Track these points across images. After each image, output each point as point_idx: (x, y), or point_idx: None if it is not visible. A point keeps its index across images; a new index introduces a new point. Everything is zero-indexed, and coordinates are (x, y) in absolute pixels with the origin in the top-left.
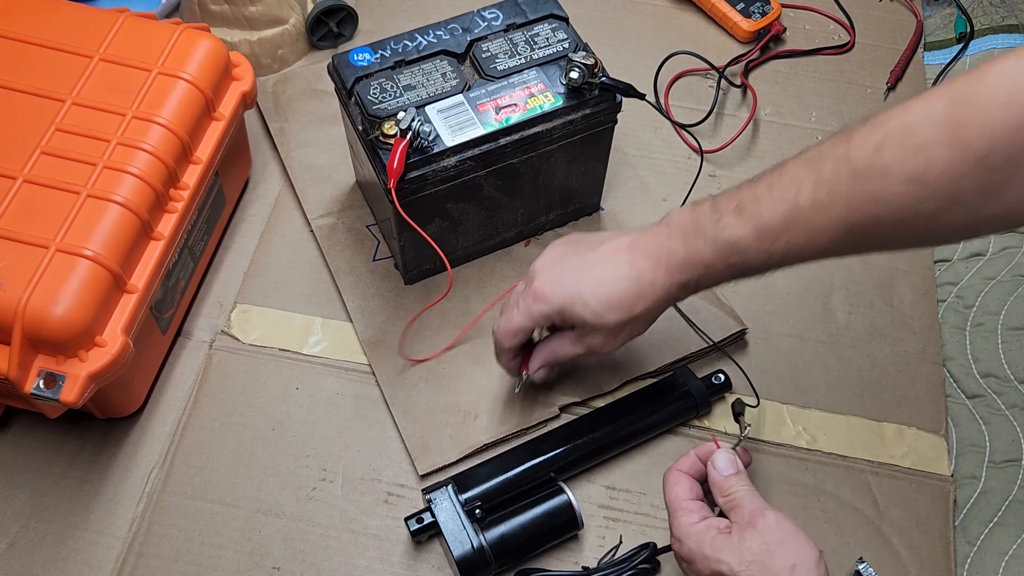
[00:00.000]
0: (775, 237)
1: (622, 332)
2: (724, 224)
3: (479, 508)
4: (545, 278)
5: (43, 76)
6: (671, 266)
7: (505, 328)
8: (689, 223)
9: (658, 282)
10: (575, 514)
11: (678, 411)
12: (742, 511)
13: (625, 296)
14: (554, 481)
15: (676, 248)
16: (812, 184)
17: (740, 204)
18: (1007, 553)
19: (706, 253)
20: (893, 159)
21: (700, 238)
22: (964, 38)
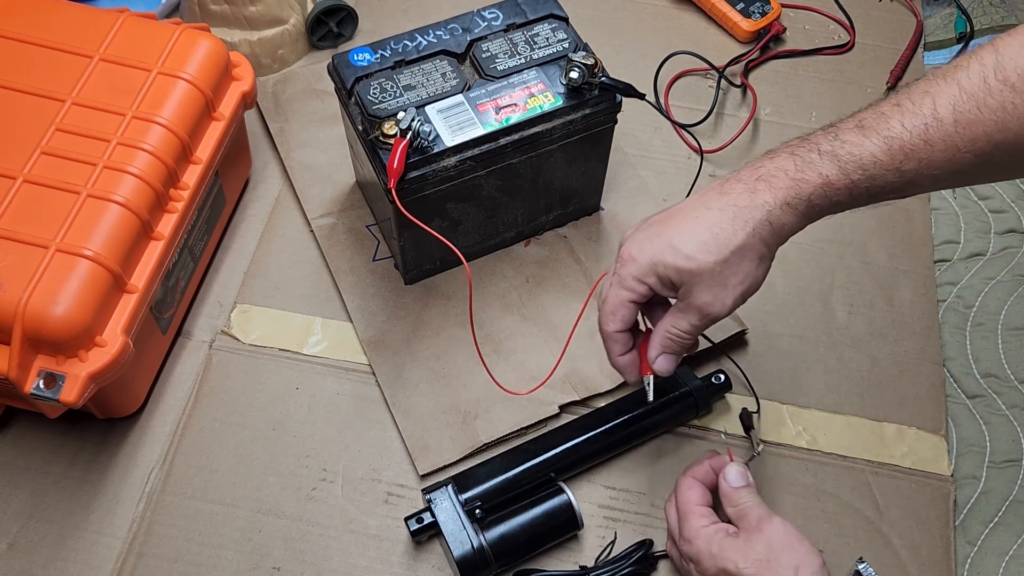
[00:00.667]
0: (908, 154)
1: (730, 279)
2: (844, 139)
3: (479, 508)
4: (631, 242)
5: (43, 76)
6: (775, 183)
7: (602, 311)
8: (797, 142)
9: (757, 202)
10: (575, 514)
11: (678, 411)
12: (749, 518)
13: (717, 228)
14: (554, 481)
15: (782, 164)
16: (953, 97)
17: (861, 122)
18: (1007, 553)
19: (822, 167)
20: None
21: (813, 152)
22: (964, 38)
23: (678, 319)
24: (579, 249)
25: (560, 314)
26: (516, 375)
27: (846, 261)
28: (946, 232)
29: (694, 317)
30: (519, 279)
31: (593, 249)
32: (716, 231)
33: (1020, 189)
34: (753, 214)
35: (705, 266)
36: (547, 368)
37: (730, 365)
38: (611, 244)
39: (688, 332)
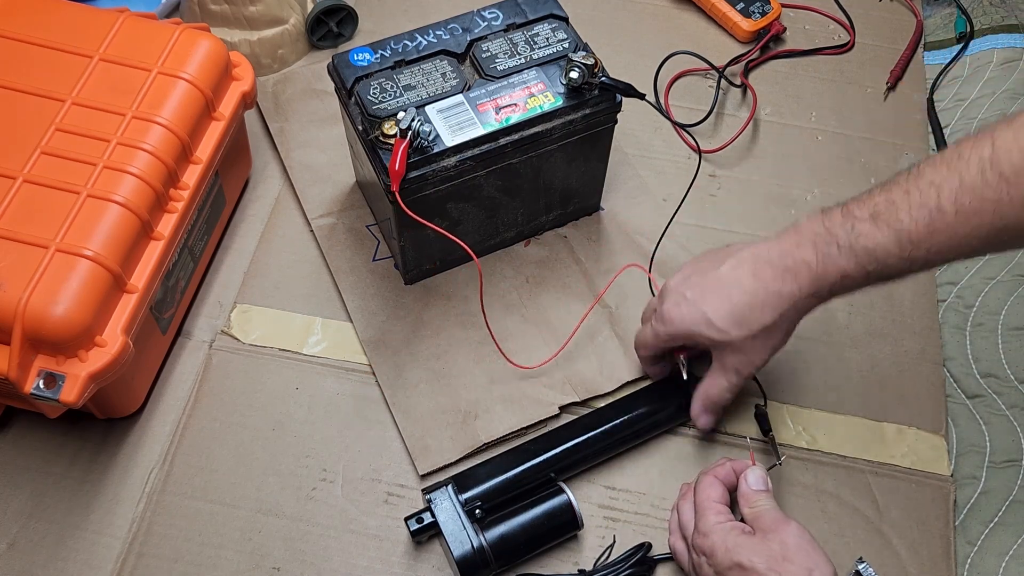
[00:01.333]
0: (916, 244)
1: (757, 348)
2: (859, 231)
3: (479, 508)
4: (672, 300)
5: (43, 76)
6: (801, 277)
7: (638, 339)
8: (821, 231)
9: (785, 292)
10: (575, 514)
11: (677, 412)
12: (765, 519)
13: (748, 310)
14: (554, 481)
15: (807, 257)
16: (955, 189)
17: (875, 211)
18: (1007, 553)
19: (841, 260)
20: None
21: (834, 247)
22: (964, 38)
23: (716, 382)
24: (579, 249)
25: (560, 314)
26: (516, 375)
27: None
28: None
29: (729, 378)
30: (519, 279)
31: (593, 249)
32: (747, 312)
33: None
34: (781, 302)
35: (736, 339)
36: (548, 368)
37: None
38: (611, 244)
39: (727, 391)
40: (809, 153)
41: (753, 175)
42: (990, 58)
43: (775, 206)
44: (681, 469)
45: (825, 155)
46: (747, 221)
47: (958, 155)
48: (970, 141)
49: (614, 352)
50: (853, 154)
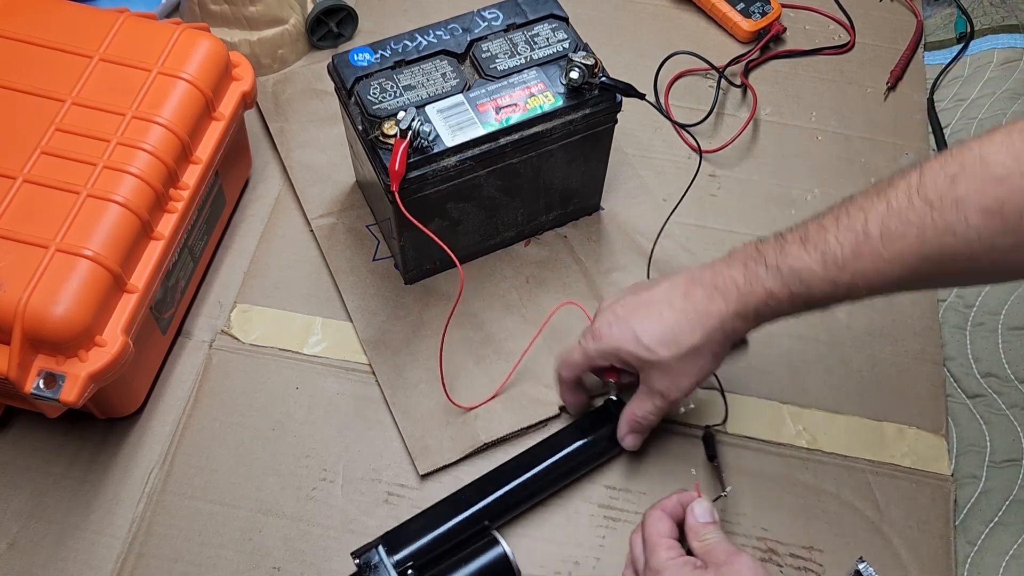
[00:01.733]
0: (841, 267)
1: (685, 370)
2: (787, 252)
3: (411, 568)
4: (603, 318)
5: (43, 76)
6: (728, 295)
7: (562, 358)
8: (751, 252)
9: (712, 311)
10: (511, 566)
11: (612, 444)
12: (716, 553)
13: (677, 329)
14: (489, 530)
15: (735, 276)
16: (882, 213)
17: (805, 234)
18: (1008, 553)
19: (767, 281)
20: (969, 189)
21: (761, 266)
22: (964, 38)
23: (642, 404)
24: (579, 249)
25: (560, 314)
26: (516, 375)
27: None
28: None
29: (655, 400)
30: (519, 279)
31: (593, 249)
32: (675, 331)
33: None
34: (709, 321)
35: (663, 359)
36: (548, 368)
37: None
38: (611, 244)
39: (653, 413)
40: (809, 153)
41: (753, 175)
42: (990, 58)
43: (775, 206)
44: (681, 469)
45: (825, 155)
46: (747, 221)
47: (889, 183)
48: (901, 173)
49: None
50: (853, 154)
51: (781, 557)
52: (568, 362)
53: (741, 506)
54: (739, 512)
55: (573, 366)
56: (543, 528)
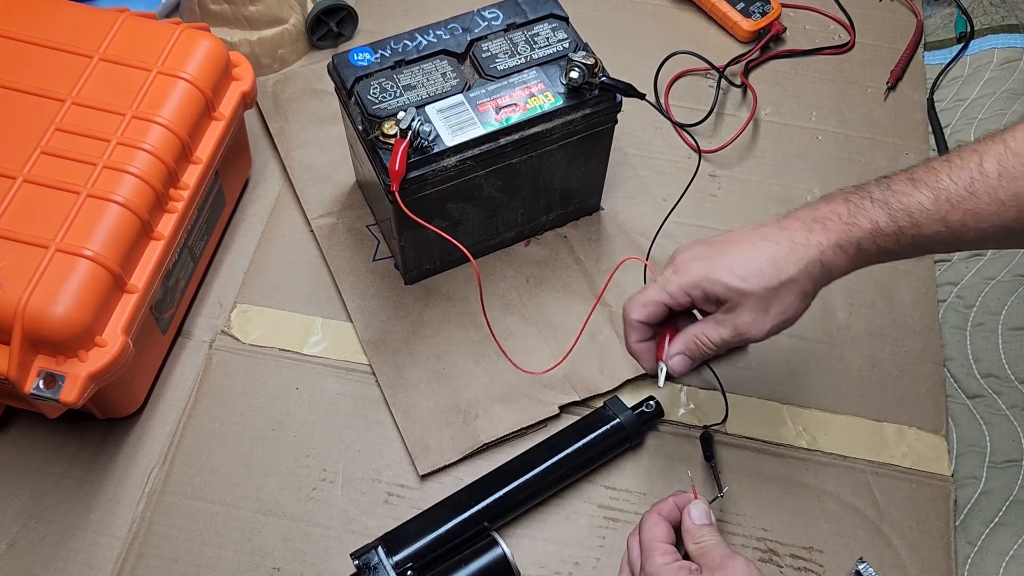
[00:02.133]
0: (954, 204)
1: (772, 306)
2: (895, 189)
3: (411, 569)
4: (687, 254)
5: (43, 76)
6: (829, 226)
7: (635, 299)
8: (851, 190)
9: (811, 241)
10: (510, 567)
11: (611, 445)
12: (712, 555)
13: (773, 259)
14: (488, 531)
15: (837, 209)
16: (999, 154)
17: (912, 175)
18: (1008, 553)
19: (873, 213)
20: None
21: (866, 199)
22: (964, 38)
23: (712, 329)
24: (579, 249)
25: (560, 314)
26: (516, 375)
27: None
28: None
29: (728, 332)
30: (519, 279)
31: (593, 249)
32: (771, 260)
33: None
34: (807, 252)
35: (755, 290)
36: (548, 367)
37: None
38: (611, 244)
39: (717, 344)
40: (809, 153)
41: (753, 175)
42: (990, 58)
43: (775, 206)
44: (681, 469)
45: (825, 155)
46: (747, 221)
47: (1007, 130)
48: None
49: (614, 351)
50: (853, 154)
51: (781, 557)
52: (641, 301)
53: (741, 506)
54: (739, 512)
55: (648, 304)
56: (543, 528)
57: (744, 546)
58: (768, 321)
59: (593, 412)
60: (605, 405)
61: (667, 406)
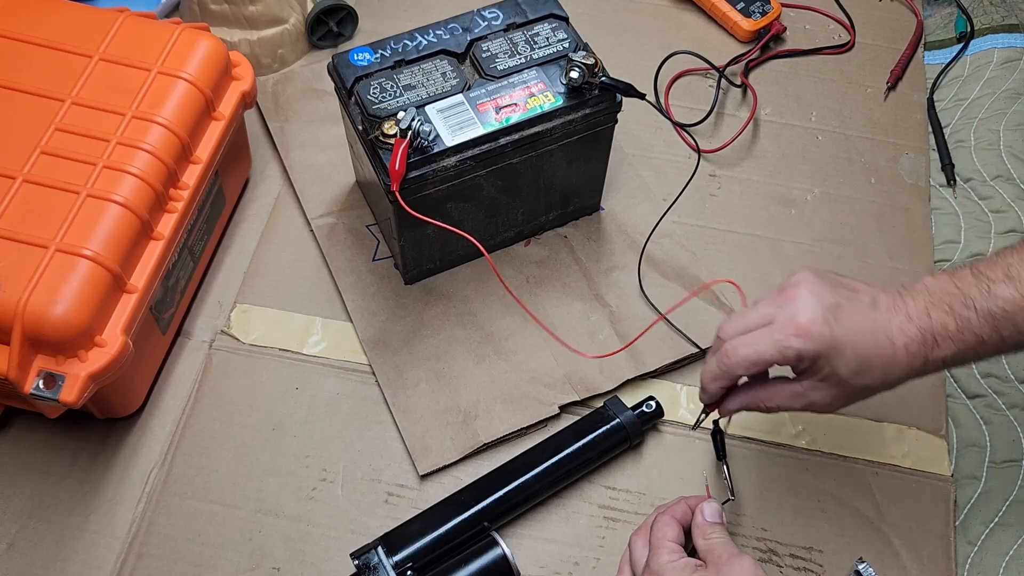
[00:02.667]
0: None
1: (857, 396)
2: (995, 292)
3: (411, 569)
4: (814, 313)
5: (43, 76)
6: (940, 343)
7: (745, 355)
8: (954, 293)
9: (922, 353)
10: (510, 567)
11: (611, 445)
12: (718, 553)
13: (887, 364)
14: (488, 531)
15: (945, 320)
16: None
17: (1009, 272)
18: (1008, 553)
19: (978, 327)
20: None
21: (971, 311)
22: (964, 38)
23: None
24: (579, 249)
25: (560, 314)
26: (516, 375)
27: (846, 261)
28: (946, 232)
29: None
30: (519, 279)
31: (593, 249)
32: (883, 366)
33: (1020, 189)
34: (912, 362)
35: (856, 387)
36: (548, 368)
37: None
38: (611, 244)
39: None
40: (809, 153)
41: (753, 175)
42: (990, 58)
43: (775, 206)
44: (681, 469)
45: (825, 155)
46: (747, 221)
47: None
48: None
49: (614, 350)
50: (853, 154)
51: (781, 557)
52: (750, 359)
53: (741, 506)
54: (739, 512)
55: (757, 364)
56: (543, 529)
57: (744, 546)
58: (840, 405)
59: (593, 412)
60: (605, 405)
61: (667, 406)
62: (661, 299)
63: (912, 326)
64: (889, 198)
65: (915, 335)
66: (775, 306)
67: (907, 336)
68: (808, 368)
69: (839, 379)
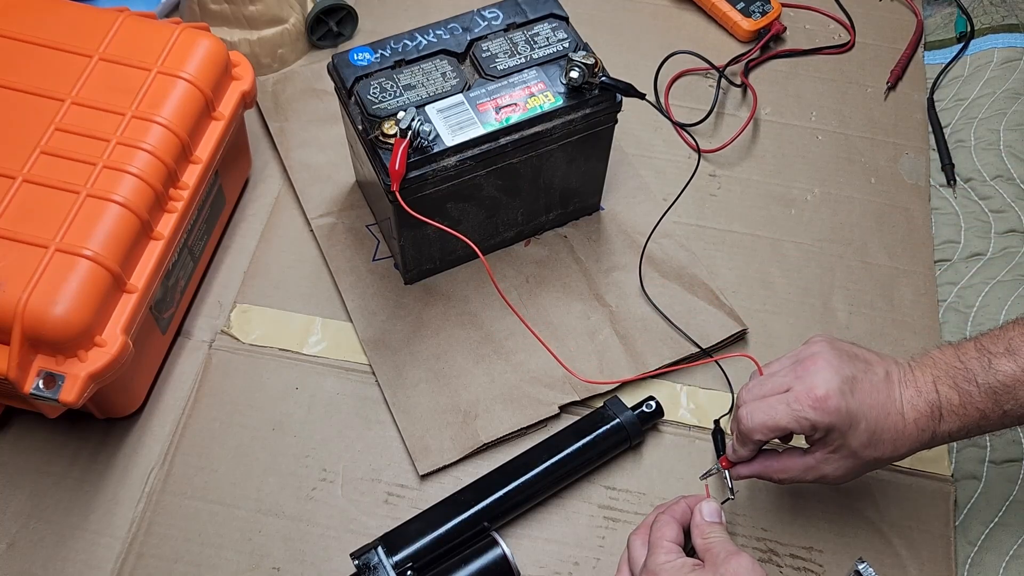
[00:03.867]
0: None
1: (866, 468)
2: (996, 367)
3: (411, 569)
4: (831, 386)
5: (43, 76)
6: (947, 418)
7: (761, 421)
8: (958, 367)
9: (928, 427)
10: (510, 567)
11: (611, 445)
12: (716, 551)
13: (896, 438)
14: (488, 531)
15: (949, 395)
16: None
17: (1011, 346)
18: (1008, 553)
19: (980, 402)
20: None
21: (973, 386)
22: (964, 37)
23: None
24: (579, 249)
25: (560, 314)
26: (516, 375)
27: (846, 261)
28: (946, 232)
29: (812, 476)
30: (519, 279)
31: (593, 249)
32: (893, 439)
33: (1020, 189)
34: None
35: (867, 458)
36: (548, 368)
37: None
38: (611, 244)
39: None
40: (809, 153)
41: (753, 175)
42: (990, 58)
43: (775, 206)
44: (681, 469)
45: (825, 155)
46: (747, 221)
47: None
48: None
49: (614, 351)
50: (853, 154)
51: (781, 557)
52: (767, 426)
53: (741, 506)
54: (739, 512)
55: (775, 430)
56: (543, 529)
57: (744, 546)
58: (851, 477)
59: (593, 412)
60: (605, 405)
61: (667, 406)
62: (661, 299)
63: (921, 400)
64: (889, 198)
65: (924, 410)
66: (793, 376)
67: (917, 411)
68: (821, 439)
69: (851, 451)
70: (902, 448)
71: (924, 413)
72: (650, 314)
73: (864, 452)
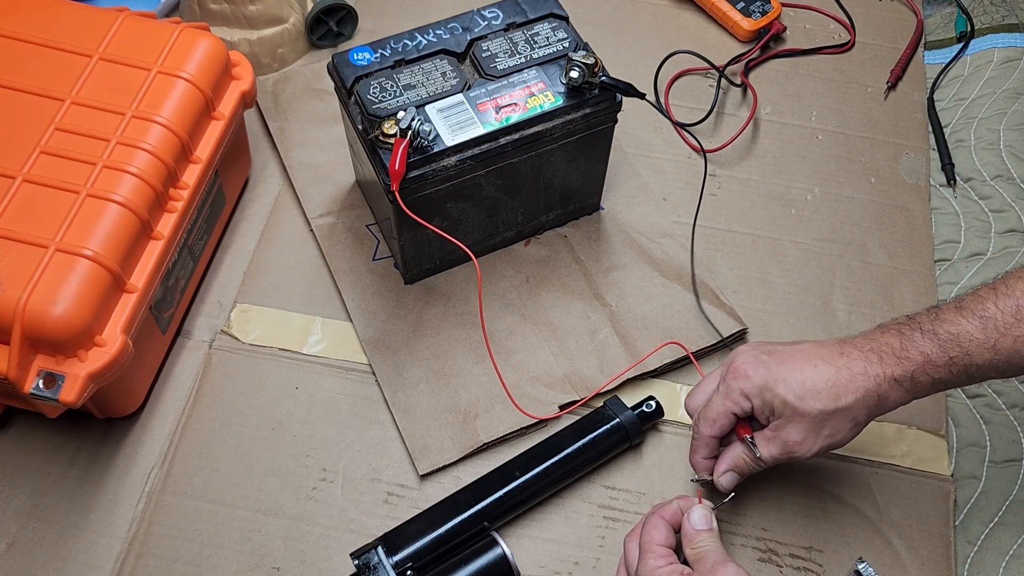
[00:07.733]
0: (1003, 331)
1: (824, 429)
2: (942, 319)
3: (411, 569)
4: (747, 357)
5: (43, 76)
6: (885, 359)
7: (703, 415)
8: (903, 321)
9: (869, 372)
10: (510, 567)
11: (611, 445)
12: (705, 562)
13: (832, 384)
14: (488, 531)
15: (890, 341)
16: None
17: (960, 304)
18: (1008, 553)
19: (923, 345)
20: None
21: (916, 331)
22: (964, 37)
23: (762, 446)
24: (579, 249)
25: (560, 314)
26: (516, 375)
27: (846, 261)
28: (946, 232)
29: (777, 450)
30: (519, 279)
31: (593, 249)
32: (830, 384)
33: (1020, 189)
34: (865, 383)
35: (810, 411)
36: (548, 368)
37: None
38: (611, 243)
39: (766, 461)
40: (809, 152)
41: (753, 174)
42: (990, 57)
43: (775, 205)
44: (681, 469)
45: (825, 154)
46: (747, 221)
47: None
48: None
49: (614, 350)
50: (853, 153)
51: (781, 557)
52: (711, 416)
53: (741, 506)
54: (739, 512)
55: (719, 418)
56: (543, 528)
57: (744, 546)
58: (817, 443)
59: (593, 412)
60: (605, 405)
61: (667, 406)
62: (661, 298)
63: (852, 347)
64: (889, 198)
65: (856, 355)
66: (721, 371)
67: (849, 357)
68: (768, 414)
69: (793, 408)
70: (847, 396)
71: (858, 358)
72: (650, 314)
73: (803, 404)
